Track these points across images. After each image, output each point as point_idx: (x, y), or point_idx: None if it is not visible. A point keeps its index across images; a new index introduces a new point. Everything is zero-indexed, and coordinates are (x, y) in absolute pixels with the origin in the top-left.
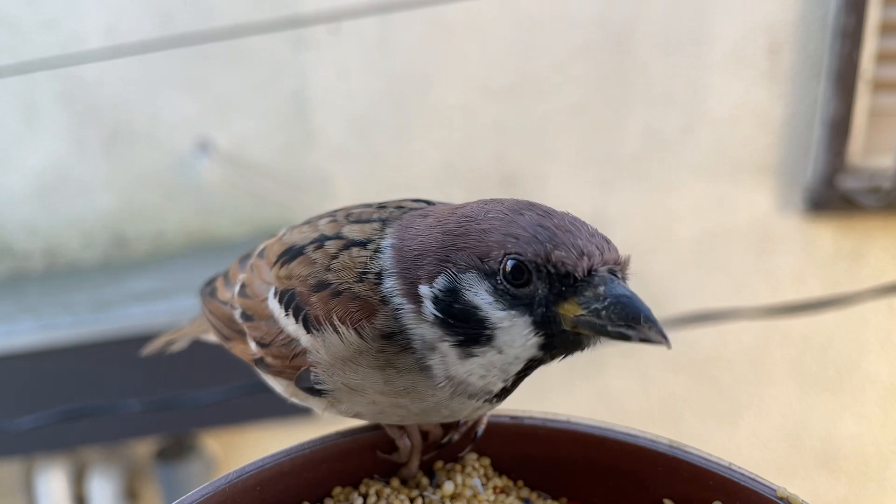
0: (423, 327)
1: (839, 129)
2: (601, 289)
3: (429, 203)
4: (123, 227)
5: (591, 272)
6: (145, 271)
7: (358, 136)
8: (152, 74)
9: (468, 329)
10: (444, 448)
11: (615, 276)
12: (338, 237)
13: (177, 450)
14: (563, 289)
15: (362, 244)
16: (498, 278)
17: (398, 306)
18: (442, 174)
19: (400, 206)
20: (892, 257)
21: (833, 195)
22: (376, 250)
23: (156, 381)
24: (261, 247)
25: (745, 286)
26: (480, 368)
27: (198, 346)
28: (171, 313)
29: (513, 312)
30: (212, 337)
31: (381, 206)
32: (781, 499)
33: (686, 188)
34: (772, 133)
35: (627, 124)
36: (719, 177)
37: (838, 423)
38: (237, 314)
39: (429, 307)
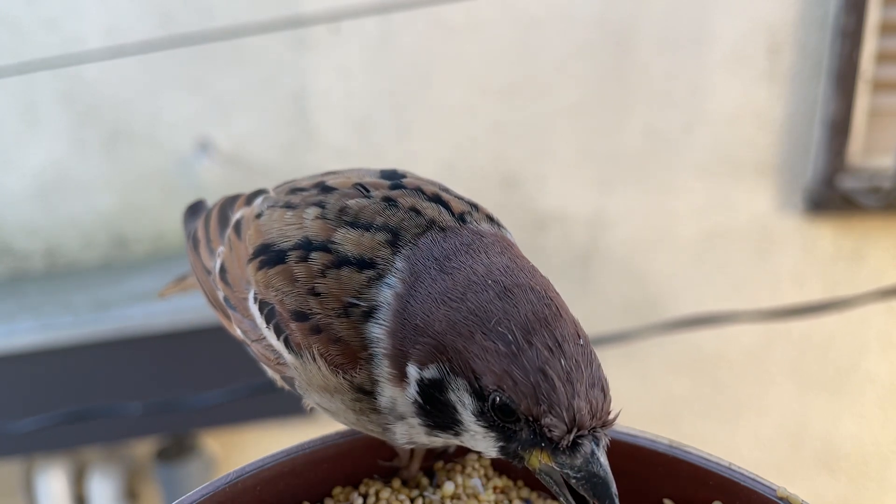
0: (399, 398)
1: (839, 129)
2: (579, 461)
3: (446, 206)
4: (123, 228)
5: (575, 442)
6: (145, 271)
7: (358, 136)
8: (152, 74)
9: (442, 418)
10: (445, 452)
11: (598, 444)
12: (325, 249)
13: (177, 450)
14: (543, 444)
15: (358, 265)
16: (486, 405)
17: (380, 372)
18: (442, 174)
19: (415, 210)
20: (892, 257)
21: (833, 195)
22: (378, 279)
23: (156, 382)
24: (237, 214)
25: (744, 286)
26: (442, 442)
27: (198, 345)
28: (170, 313)
29: (490, 433)
30: None
31: (389, 201)
32: (781, 499)
33: (686, 188)
34: (772, 133)
35: (627, 124)
36: (719, 177)
37: (838, 424)
38: (220, 296)
39: (412, 390)
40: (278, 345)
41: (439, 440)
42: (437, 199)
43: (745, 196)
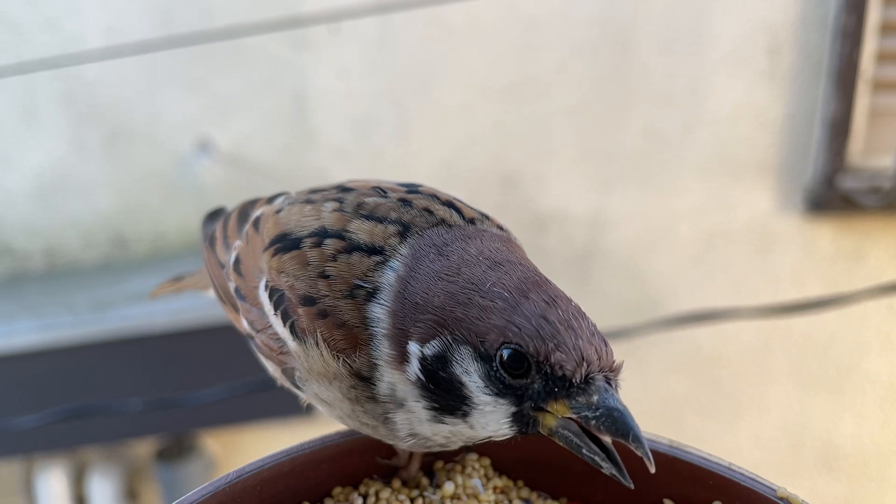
0: (398, 383)
1: (839, 129)
2: (595, 398)
3: (458, 211)
4: (123, 228)
5: (587, 379)
6: (145, 271)
7: (358, 136)
8: (152, 74)
9: (447, 399)
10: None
11: (609, 384)
12: (339, 236)
13: (177, 450)
14: (556, 389)
15: (368, 251)
16: (494, 364)
17: (379, 354)
18: (442, 174)
19: (428, 211)
20: (892, 257)
21: (833, 195)
22: (383, 263)
23: (156, 381)
24: (257, 211)
25: (744, 286)
26: (446, 433)
27: (198, 344)
28: (170, 313)
29: (500, 400)
30: (212, 294)
31: (404, 202)
32: (781, 499)
33: (686, 188)
34: (772, 133)
35: (627, 124)
36: (719, 177)
37: (838, 423)
38: (231, 287)
39: (414, 367)
40: (283, 331)
41: (443, 429)
42: (450, 205)
43: (745, 196)
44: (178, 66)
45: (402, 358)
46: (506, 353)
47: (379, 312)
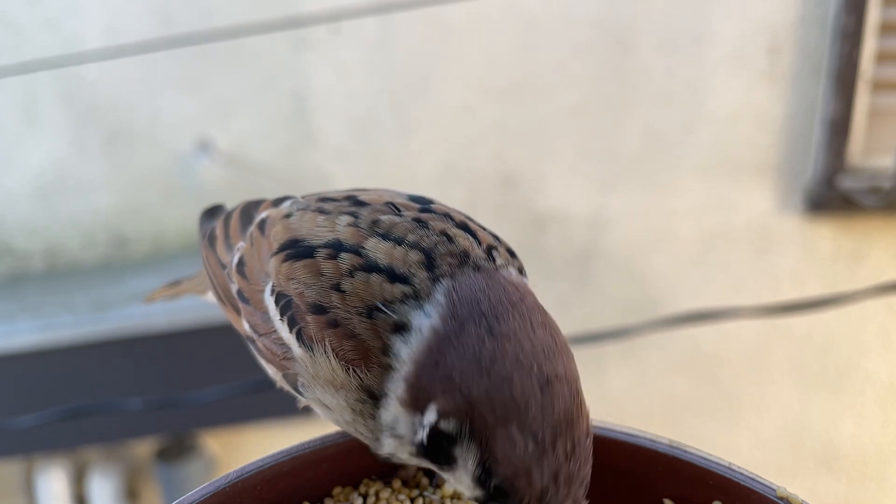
0: (402, 420)
1: (839, 129)
2: None
3: (474, 235)
4: (123, 227)
5: None
6: (145, 271)
7: (358, 136)
8: (152, 74)
9: (435, 455)
10: None
11: None
12: (356, 252)
13: (177, 450)
14: None
15: (388, 276)
16: (489, 482)
17: (393, 388)
18: (442, 174)
19: (446, 236)
20: (892, 257)
21: (833, 195)
22: (415, 299)
23: (156, 381)
24: (262, 213)
25: (744, 286)
26: (417, 462)
27: (197, 344)
28: (170, 313)
29: (475, 490)
30: (211, 297)
31: (419, 222)
32: (781, 498)
33: (686, 188)
34: (772, 133)
35: (627, 124)
36: (719, 177)
37: (838, 423)
38: (234, 289)
39: (423, 430)
40: (289, 337)
41: (417, 461)
42: (464, 227)
43: (745, 196)
44: (178, 66)
45: (414, 405)
46: (500, 487)
47: (404, 353)
